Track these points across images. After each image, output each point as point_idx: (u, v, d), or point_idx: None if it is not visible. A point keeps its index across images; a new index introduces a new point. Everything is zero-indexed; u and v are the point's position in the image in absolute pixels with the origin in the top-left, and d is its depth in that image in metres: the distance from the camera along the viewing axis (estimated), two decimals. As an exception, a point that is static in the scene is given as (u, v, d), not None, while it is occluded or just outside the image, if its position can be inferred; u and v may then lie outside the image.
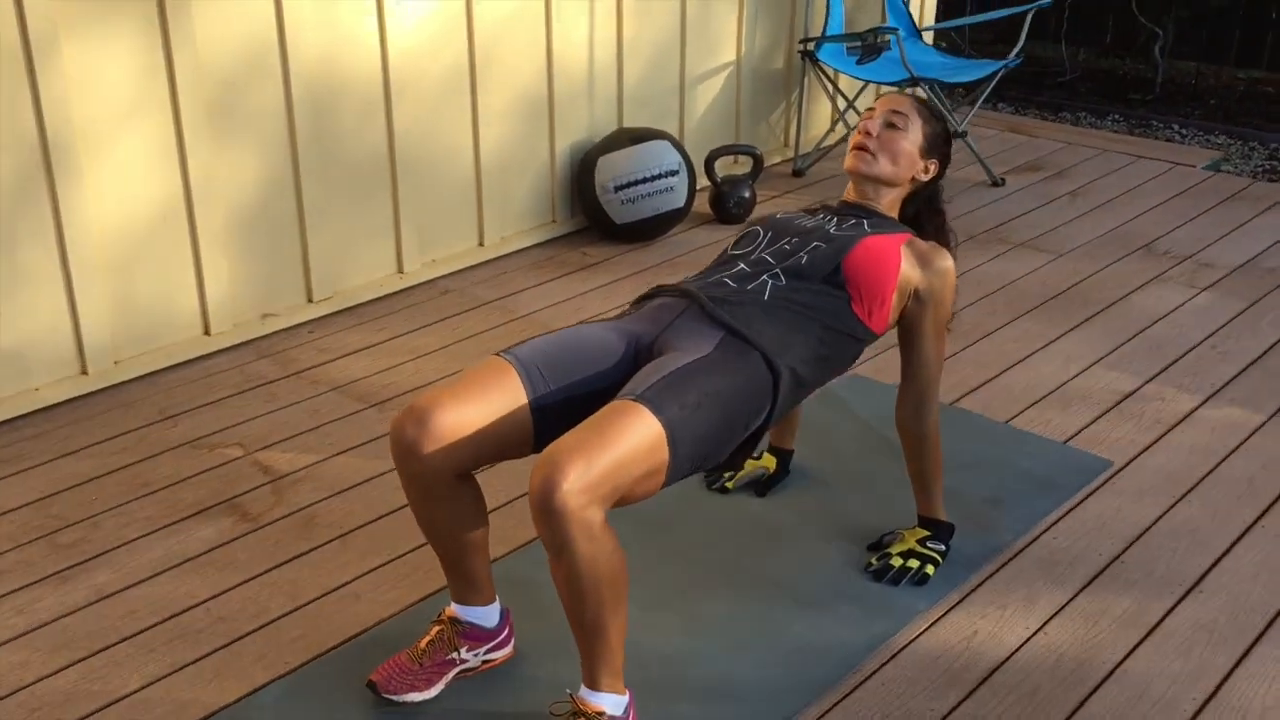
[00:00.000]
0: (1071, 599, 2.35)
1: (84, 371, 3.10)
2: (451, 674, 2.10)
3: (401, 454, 1.91)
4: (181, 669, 2.17)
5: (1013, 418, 3.00)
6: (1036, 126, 5.46)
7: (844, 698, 2.10)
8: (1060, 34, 6.38)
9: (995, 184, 4.62)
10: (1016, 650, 2.21)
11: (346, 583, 2.40)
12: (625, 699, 1.93)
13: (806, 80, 4.78)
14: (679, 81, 4.35)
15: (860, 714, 2.06)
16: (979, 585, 2.39)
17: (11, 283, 2.93)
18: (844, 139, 4.86)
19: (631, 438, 1.79)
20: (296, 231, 3.44)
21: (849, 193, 2.41)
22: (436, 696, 2.08)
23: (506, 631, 2.16)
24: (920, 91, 4.44)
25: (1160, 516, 2.60)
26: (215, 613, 2.31)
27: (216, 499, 2.68)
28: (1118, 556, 2.47)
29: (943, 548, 2.43)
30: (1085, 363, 3.27)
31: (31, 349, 3.00)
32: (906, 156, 2.35)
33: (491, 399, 1.93)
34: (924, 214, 2.45)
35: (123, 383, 3.17)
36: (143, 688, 2.12)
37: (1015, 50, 4.49)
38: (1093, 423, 2.97)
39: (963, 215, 4.32)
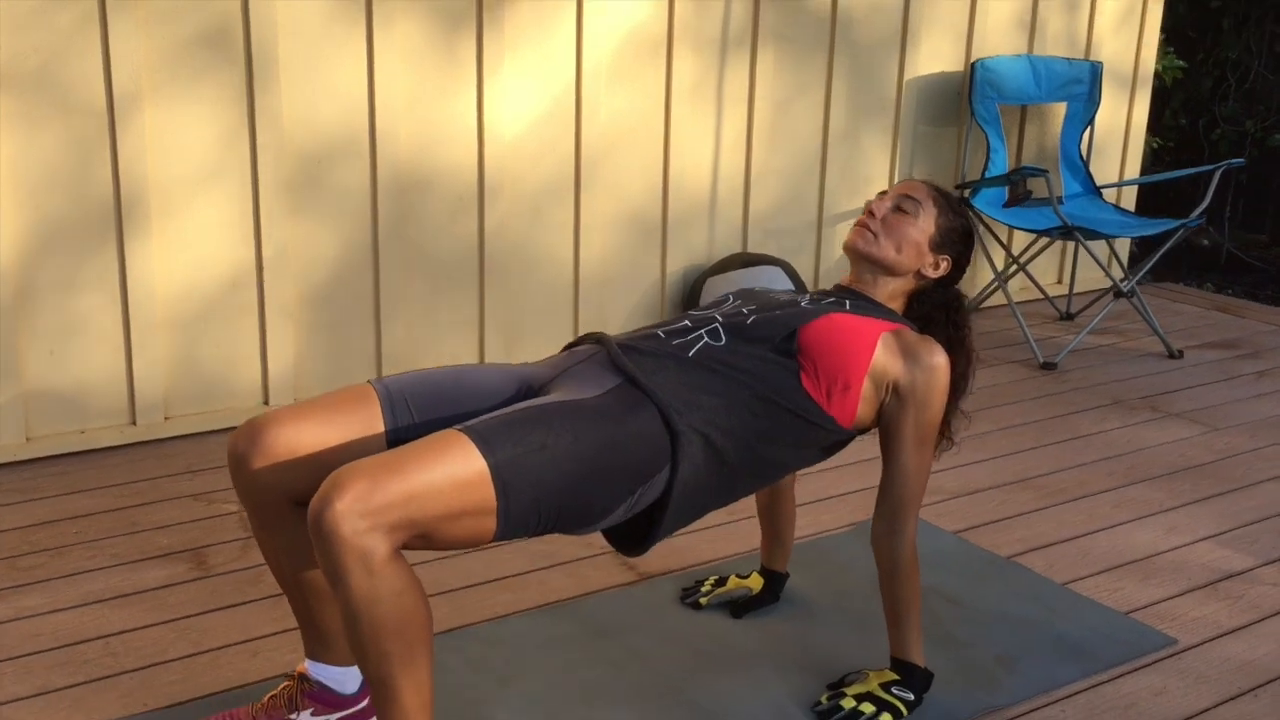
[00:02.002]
0: (1052, 779, 1.91)
1: (133, 422, 3.16)
2: (293, 739, 1.90)
3: (232, 470, 1.77)
4: (42, 694, 2.06)
5: (1074, 581, 2.55)
6: (1250, 309, 4.89)
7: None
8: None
9: (1171, 355, 4.13)
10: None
11: (254, 638, 2.25)
12: (430, 783, 1.67)
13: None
14: (816, 216, 4.17)
15: None
16: (942, 746, 1.98)
17: (72, 327, 3.03)
18: (994, 293, 4.51)
19: (440, 469, 1.58)
20: (371, 315, 3.43)
21: (847, 277, 2.16)
22: (266, 759, 1.87)
23: (367, 702, 1.94)
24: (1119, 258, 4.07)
25: (1212, 707, 2.11)
26: (112, 648, 2.21)
27: (186, 546, 2.61)
28: (1135, 742, 2.01)
29: (910, 697, 2.05)
30: (1192, 537, 2.77)
31: (84, 393, 3.09)
32: (913, 245, 2.09)
33: (340, 422, 1.78)
34: (936, 323, 2.16)
35: (170, 438, 3.20)
36: (-9, 702, 2.03)
37: (1197, 210, 4.06)
38: (1173, 598, 2.49)
39: (1117, 381, 3.86)
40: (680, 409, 1.81)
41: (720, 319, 1.99)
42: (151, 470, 3.00)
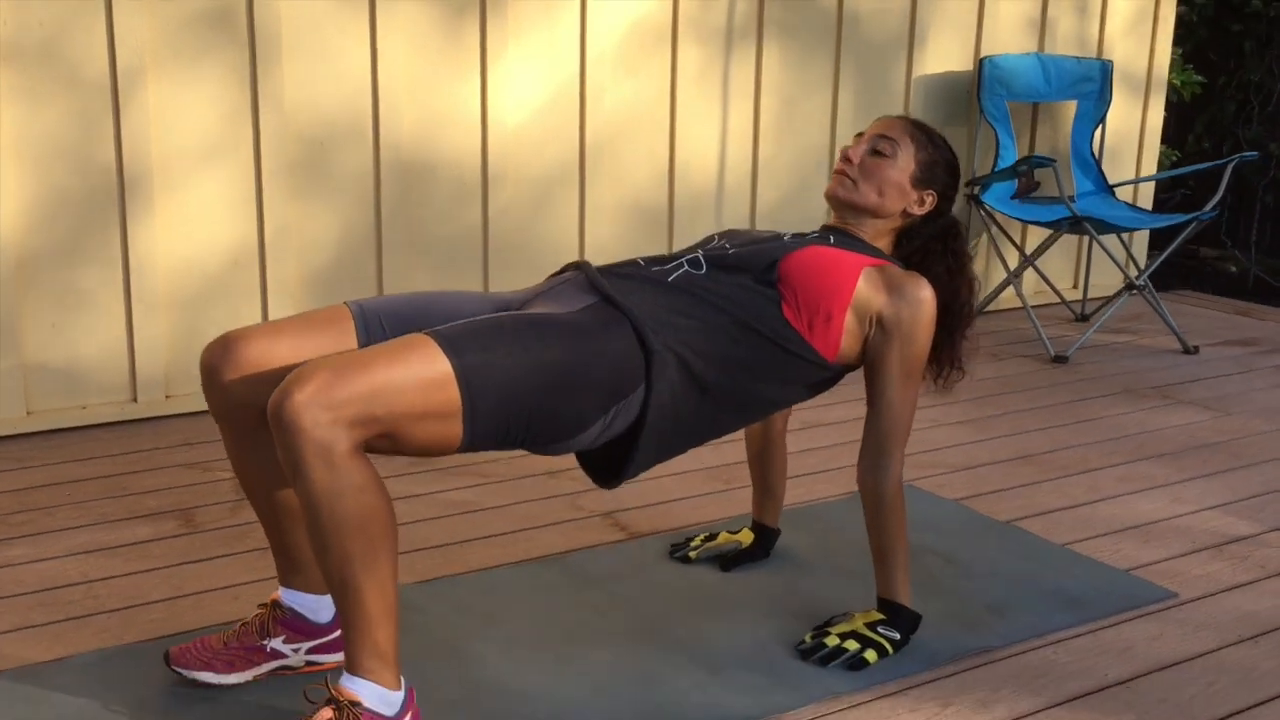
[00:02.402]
0: (1039, 710, 1.85)
1: (134, 399, 3.17)
2: (266, 667, 1.88)
3: (205, 383, 1.77)
4: (25, 629, 2.05)
5: (1073, 542, 2.50)
6: (1272, 313, 4.82)
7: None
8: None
9: (1186, 351, 4.07)
10: (932, 749, 1.75)
11: (236, 584, 2.24)
12: (396, 694, 1.63)
13: (982, 227, 4.46)
14: (824, 212, 4.16)
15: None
16: (928, 682, 1.93)
17: (74, 302, 3.05)
18: (1009, 295, 4.48)
19: (405, 368, 1.57)
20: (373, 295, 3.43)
21: (832, 218, 2.15)
22: (236, 686, 1.85)
23: (339, 633, 1.91)
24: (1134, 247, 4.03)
25: (1211, 651, 2.05)
26: (94, 591, 2.20)
27: (175, 507, 2.61)
28: (1128, 681, 1.95)
29: (896, 636, 2.00)
30: (1198, 506, 2.71)
31: (86, 369, 3.10)
32: (894, 186, 2.07)
33: (313, 338, 1.77)
34: (934, 253, 2.13)
35: (171, 416, 3.20)
36: (-32, 633, 2.02)
37: (1212, 203, 4.02)
38: (1177, 557, 2.43)
39: (1129, 372, 3.81)
40: (655, 328, 1.79)
41: (702, 251, 1.98)
42: (148, 442, 3.01)
